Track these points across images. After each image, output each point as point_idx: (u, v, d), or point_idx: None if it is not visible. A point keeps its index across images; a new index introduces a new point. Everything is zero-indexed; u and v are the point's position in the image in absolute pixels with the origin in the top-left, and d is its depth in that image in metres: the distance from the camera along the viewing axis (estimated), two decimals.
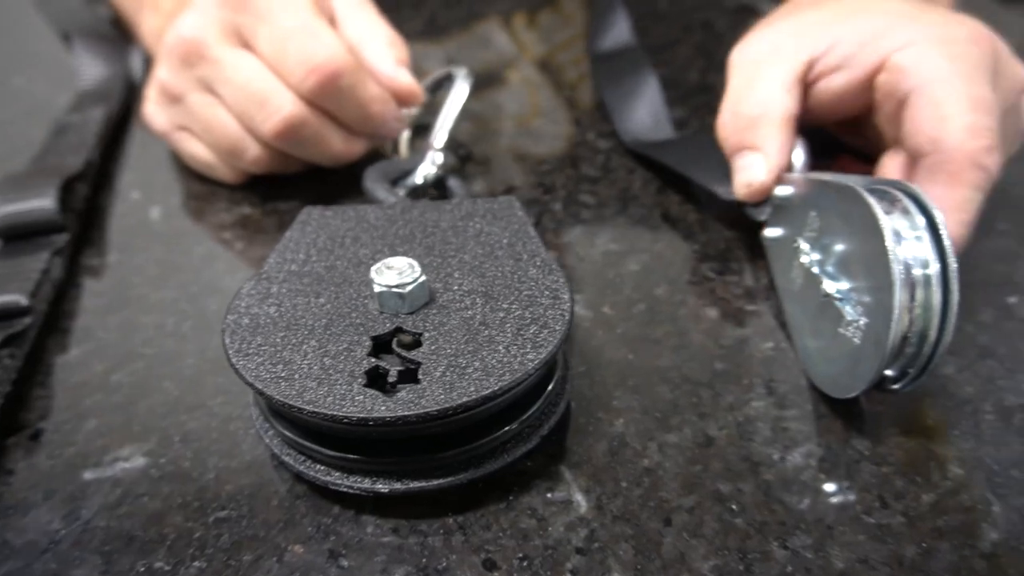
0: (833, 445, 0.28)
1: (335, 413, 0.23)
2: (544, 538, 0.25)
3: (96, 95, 0.46)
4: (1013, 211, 0.38)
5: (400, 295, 0.26)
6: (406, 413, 0.22)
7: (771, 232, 0.33)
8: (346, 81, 0.35)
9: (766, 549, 0.25)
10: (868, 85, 0.34)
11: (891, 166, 0.33)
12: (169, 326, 0.33)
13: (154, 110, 0.40)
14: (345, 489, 0.25)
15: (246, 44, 0.36)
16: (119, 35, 0.51)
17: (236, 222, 0.38)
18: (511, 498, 0.26)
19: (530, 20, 0.57)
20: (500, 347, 0.25)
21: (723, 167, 0.36)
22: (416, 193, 0.37)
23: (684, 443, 0.28)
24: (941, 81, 0.31)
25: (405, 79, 0.38)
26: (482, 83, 0.49)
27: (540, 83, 0.49)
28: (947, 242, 0.25)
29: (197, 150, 0.39)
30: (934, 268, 0.25)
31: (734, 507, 0.26)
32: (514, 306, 0.26)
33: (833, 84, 0.34)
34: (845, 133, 0.39)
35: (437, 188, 0.38)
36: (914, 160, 0.31)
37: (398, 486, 0.25)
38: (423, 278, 0.26)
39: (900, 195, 0.27)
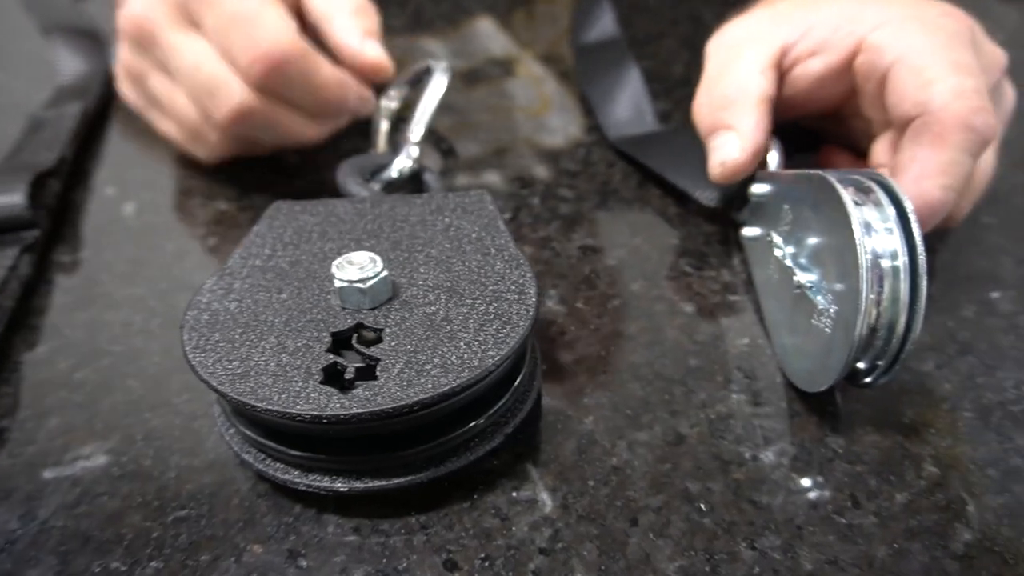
0: (807, 443, 0.28)
1: (288, 410, 0.22)
2: (507, 538, 0.25)
3: (74, 91, 0.45)
4: (998, 204, 0.37)
5: (361, 290, 0.25)
6: (360, 410, 0.22)
7: (749, 231, 0.32)
8: (294, 68, 0.33)
9: (734, 550, 0.24)
10: (846, 69, 0.33)
11: (881, 149, 0.32)
12: (137, 323, 0.32)
13: (125, 89, 0.40)
14: (304, 488, 0.25)
15: (196, 25, 0.35)
16: (99, 31, 0.51)
17: (211, 218, 0.38)
18: (475, 497, 0.26)
19: (517, 14, 0.56)
20: (461, 343, 0.24)
21: (704, 168, 0.36)
22: (391, 187, 0.37)
23: (654, 441, 0.28)
24: (920, 51, 0.30)
25: (372, 53, 0.36)
26: (464, 77, 0.48)
27: (524, 77, 0.49)
28: (917, 233, 0.24)
29: (168, 129, 0.39)
30: (903, 259, 0.24)
31: (702, 507, 0.26)
32: (478, 301, 0.26)
33: (810, 70, 0.34)
34: (830, 128, 0.39)
35: (413, 182, 0.38)
36: (902, 134, 0.31)
37: (357, 485, 0.24)
38: (385, 273, 0.26)
39: (873, 186, 0.26)
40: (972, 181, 0.33)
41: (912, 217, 0.25)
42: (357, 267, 0.25)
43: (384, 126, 0.39)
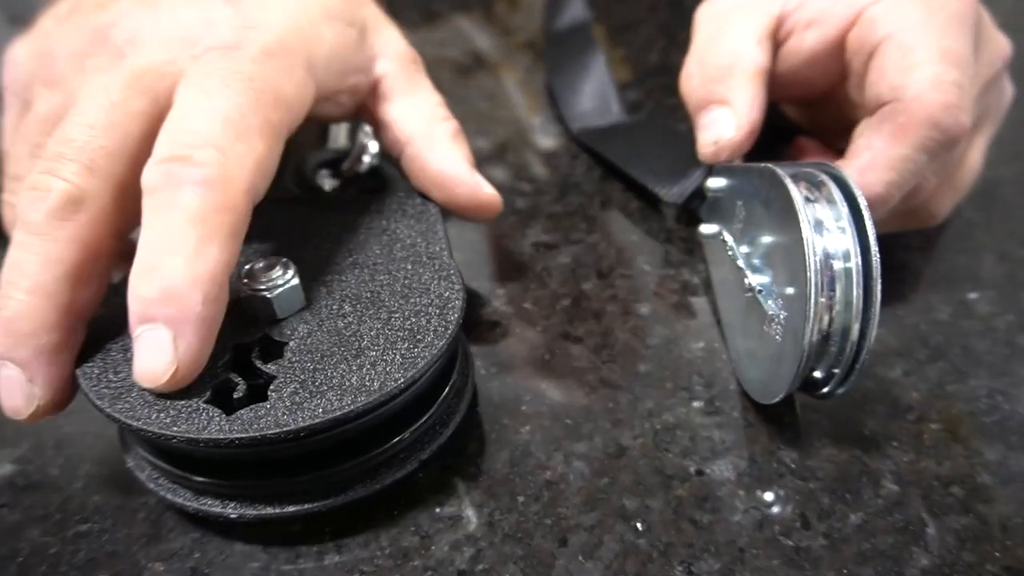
0: (757, 457, 0.26)
1: (163, 431, 0.20)
2: (425, 558, 0.23)
3: None
4: (984, 198, 0.35)
5: (267, 299, 0.23)
6: (240, 435, 0.20)
7: (706, 229, 0.30)
8: (198, 200, 0.22)
9: (668, 574, 0.22)
10: (840, 45, 0.30)
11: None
12: None
13: None
14: (193, 511, 0.23)
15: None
16: None
17: None
18: (396, 513, 0.24)
19: (484, 6, 0.54)
20: (366, 362, 0.22)
21: (668, 162, 0.34)
22: (348, 183, 0.35)
23: (593, 453, 0.26)
24: (913, 29, 0.28)
25: (488, 191, 0.29)
26: (437, 71, 0.46)
27: (490, 66, 0.47)
28: (871, 232, 0.22)
29: None
30: (855, 261, 0.22)
31: (639, 526, 0.24)
32: (396, 315, 0.24)
33: (805, 43, 0.31)
34: (810, 117, 0.36)
35: (372, 177, 0.36)
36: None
37: (249, 512, 0.23)
38: (295, 281, 0.24)
39: (826, 179, 0.24)
40: (957, 179, 0.30)
41: (866, 214, 0.23)
42: (266, 275, 0.24)
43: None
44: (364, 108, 0.31)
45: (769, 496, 0.24)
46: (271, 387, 0.22)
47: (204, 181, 0.21)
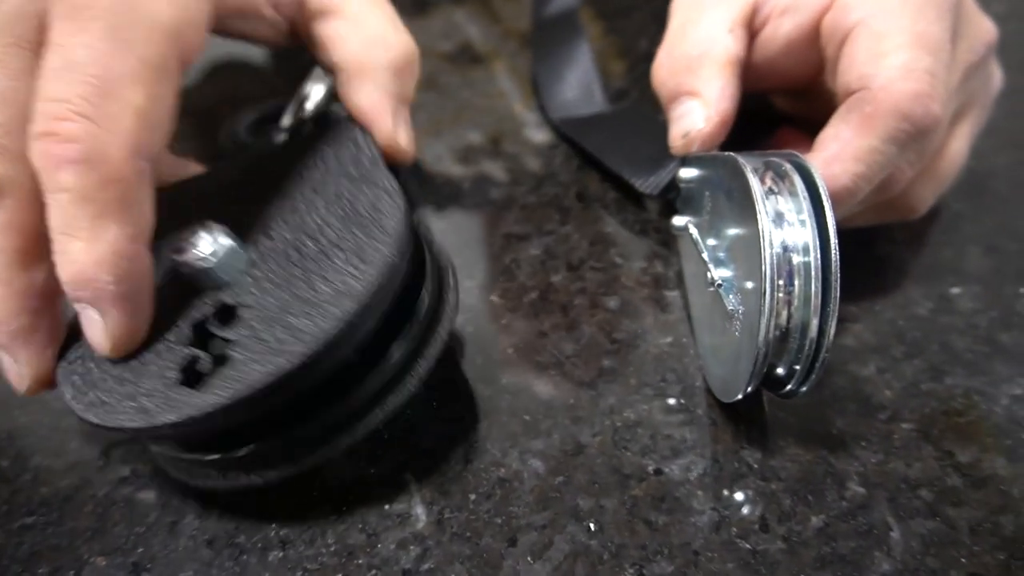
0: (719, 456, 0.25)
1: (140, 425, 0.20)
2: (370, 556, 0.23)
3: None
4: (973, 189, 0.33)
5: (206, 269, 0.22)
6: (216, 403, 0.20)
7: (677, 220, 0.29)
8: (78, 179, 0.20)
9: None
10: (816, 32, 0.29)
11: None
12: None
13: None
14: (224, 489, 0.23)
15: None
16: None
17: None
18: (344, 509, 0.24)
19: None
20: (323, 298, 0.21)
21: (646, 152, 0.33)
22: (295, 134, 0.33)
23: (550, 451, 0.25)
24: (886, 14, 0.26)
25: (404, 141, 0.28)
26: (431, 63, 0.46)
27: (476, 55, 0.46)
28: (831, 225, 0.21)
29: None
30: (815, 254, 0.21)
31: (591, 526, 0.23)
32: (341, 244, 0.23)
33: (780, 31, 0.30)
34: (795, 109, 0.35)
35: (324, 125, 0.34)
36: None
37: (271, 474, 0.22)
38: (228, 243, 0.23)
39: (791, 170, 0.23)
40: (938, 169, 0.29)
41: (827, 206, 0.22)
42: (197, 245, 0.23)
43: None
44: (296, 25, 0.28)
45: (729, 497, 0.24)
46: (235, 349, 0.21)
47: (77, 159, 0.20)
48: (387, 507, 0.24)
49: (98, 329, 0.21)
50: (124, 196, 0.21)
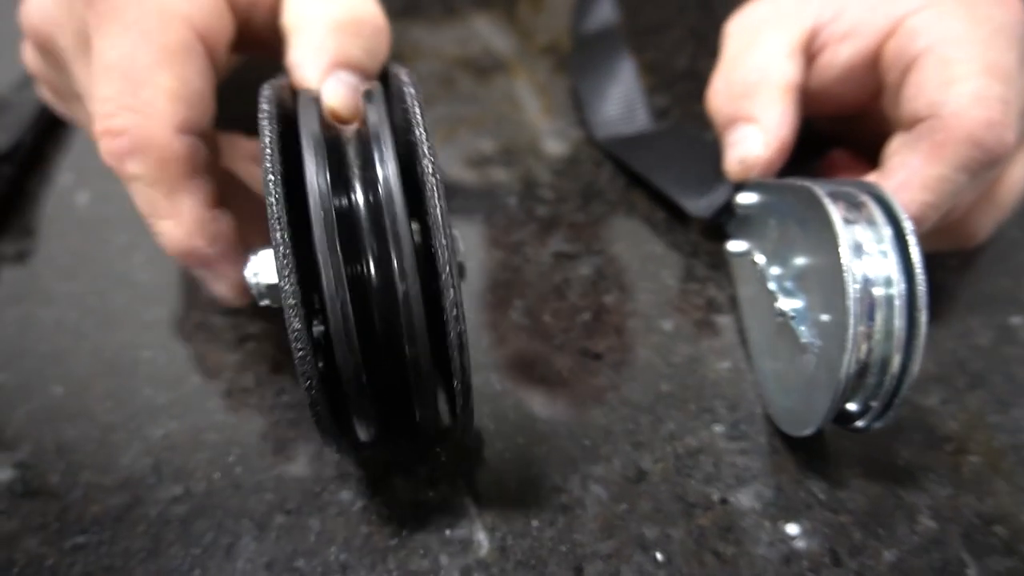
0: (785, 486, 0.24)
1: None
2: None
3: None
4: None
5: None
6: None
7: (734, 246, 0.29)
8: (142, 167, 0.23)
9: None
10: (877, 58, 0.29)
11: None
12: (69, 322, 0.30)
13: (43, 90, 0.32)
14: None
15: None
16: None
17: None
18: (405, 533, 0.23)
19: (522, 3, 0.53)
20: None
21: (695, 173, 0.32)
22: None
23: (611, 477, 0.25)
24: (955, 42, 0.26)
25: (329, 94, 0.24)
26: (453, 70, 0.45)
27: (515, 68, 0.46)
28: (917, 257, 0.21)
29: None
30: (899, 288, 0.21)
31: (659, 556, 0.23)
32: None
33: (839, 57, 0.29)
34: (845, 132, 0.35)
35: None
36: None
37: None
38: None
39: (867, 200, 0.23)
40: (998, 196, 0.29)
41: (911, 239, 0.21)
42: None
43: None
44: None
45: (797, 529, 0.23)
46: None
47: (130, 150, 0.23)
48: (448, 533, 0.23)
49: (220, 285, 0.25)
50: (184, 170, 0.23)
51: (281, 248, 0.18)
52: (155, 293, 0.31)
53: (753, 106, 0.29)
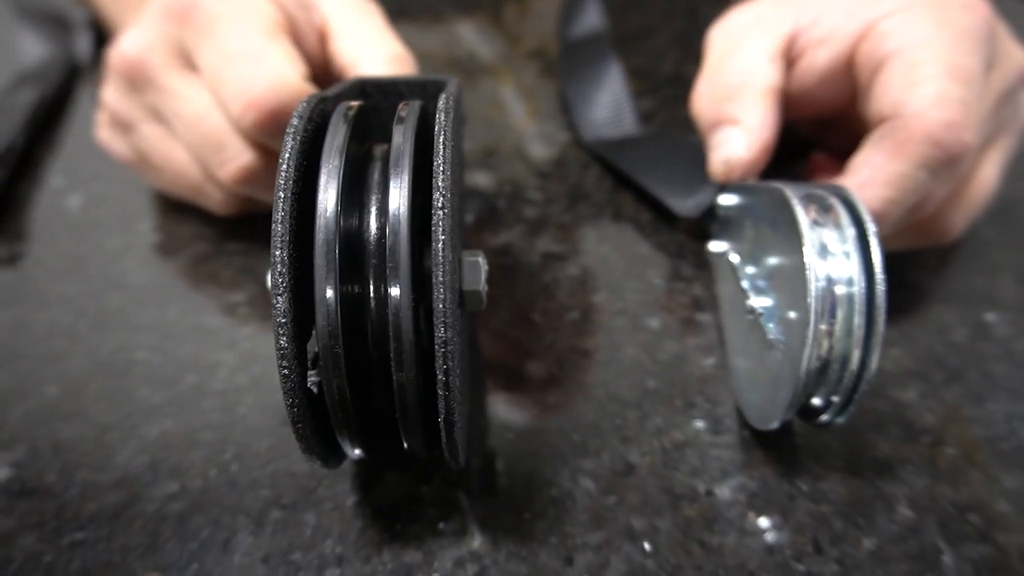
0: (768, 479, 0.25)
1: None
2: (428, 574, 0.23)
3: (33, 76, 0.44)
4: (1002, 218, 0.34)
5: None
6: None
7: (714, 246, 0.30)
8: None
9: None
10: (852, 61, 0.30)
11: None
12: (63, 324, 0.30)
13: (109, 136, 0.35)
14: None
15: (193, 66, 0.30)
16: (67, 16, 0.49)
17: (157, 213, 0.36)
18: (399, 527, 0.24)
19: (508, 7, 0.54)
20: None
21: (682, 175, 0.33)
22: None
23: (600, 471, 0.25)
24: (920, 45, 0.27)
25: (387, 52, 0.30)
26: (440, 74, 0.46)
27: (502, 72, 0.46)
28: (877, 258, 0.22)
29: (165, 184, 0.34)
30: (859, 287, 0.22)
31: (646, 546, 0.23)
32: None
33: (817, 61, 0.30)
34: (825, 136, 0.36)
35: None
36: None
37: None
38: None
39: (835, 203, 0.23)
40: (969, 194, 0.30)
41: (873, 240, 0.22)
42: None
43: None
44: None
45: (780, 519, 0.24)
46: None
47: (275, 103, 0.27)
48: (441, 525, 0.24)
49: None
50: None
51: (278, 267, 0.19)
52: (148, 295, 0.31)
53: (736, 109, 0.30)
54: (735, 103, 0.30)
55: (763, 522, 0.24)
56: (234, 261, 0.33)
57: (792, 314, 0.23)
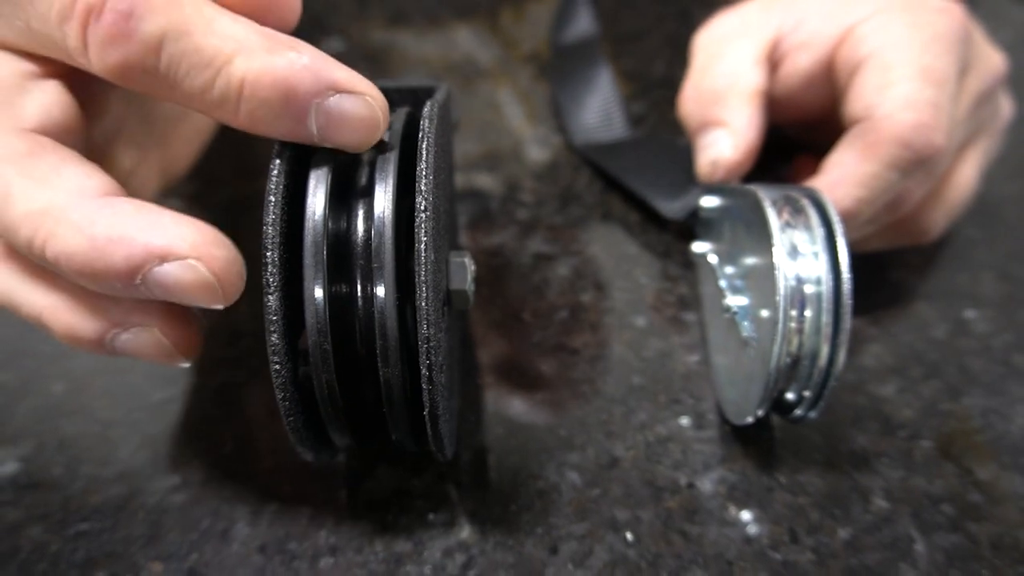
0: (748, 471, 0.26)
1: None
2: (418, 564, 0.23)
3: None
4: (985, 217, 0.35)
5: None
6: None
7: (697, 247, 0.30)
8: None
9: None
10: (831, 65, 0.31)
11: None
12: None
13: None
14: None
15: None
16: None
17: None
18: (390, 518, 0.25)
19: (504, 12, 0.54)
20: None
21: (670, 177, 0.34)
22: None
23: (586, 464, 0.26)
24: (894, 47, 0.28)
25: None
26: (438, 78, 0.47)
27: (494, 76, 0.47)
28: (844, 257, 0.23)
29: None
30: (827, 286, 0.23)
31: (629, 536, 0.24)
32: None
33: (799, 65, 0.31)
34: (812, 139, 0.36)
35: None
36: None
37: None
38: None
39: (807, 205, 0.24)
40: (948, 194, 0.31)
41: (841, 240, 0.23)
42: None
43: None
44: None
45: (758, 510, 0.25)
46: None
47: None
48: (431, 516, 0.25)
49: None
50: None
51: (269, 267, 0.20)
52: None
53: (723, 111, 0.31)
54: (721, 106, 0.31)
55: (742, 513, 0.25)
56: None
57: (764, 312, 0.24)
